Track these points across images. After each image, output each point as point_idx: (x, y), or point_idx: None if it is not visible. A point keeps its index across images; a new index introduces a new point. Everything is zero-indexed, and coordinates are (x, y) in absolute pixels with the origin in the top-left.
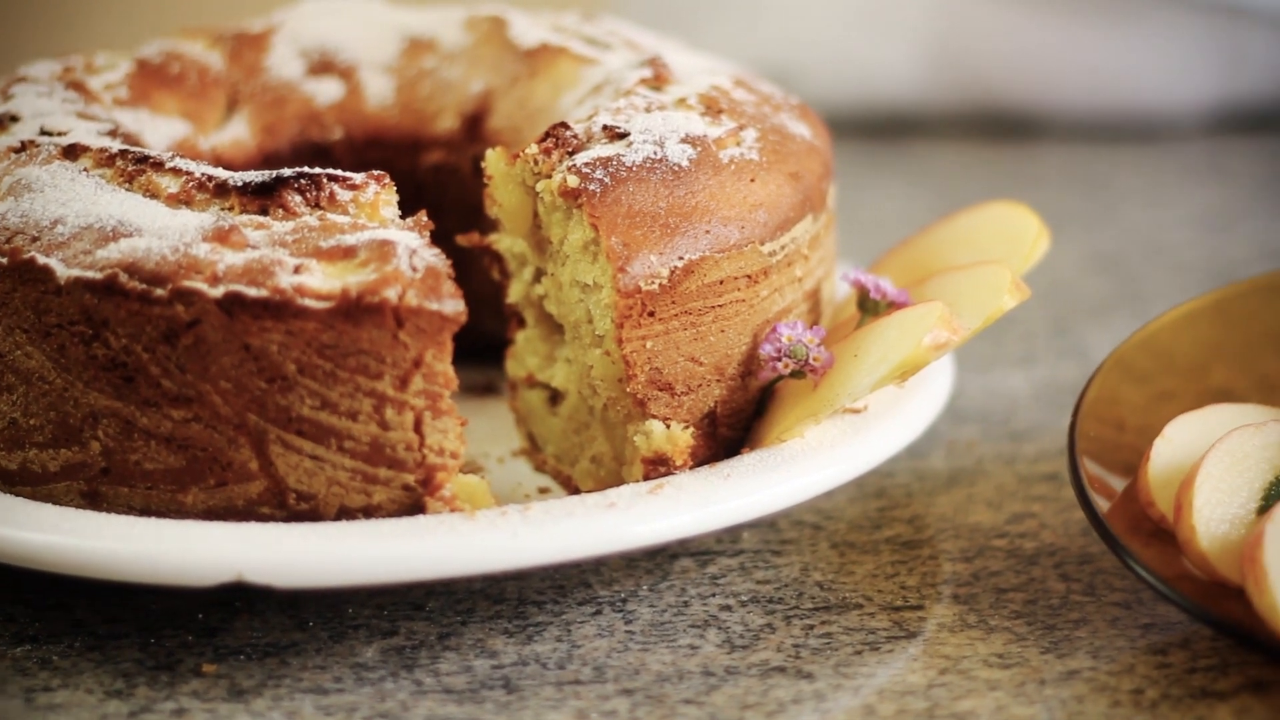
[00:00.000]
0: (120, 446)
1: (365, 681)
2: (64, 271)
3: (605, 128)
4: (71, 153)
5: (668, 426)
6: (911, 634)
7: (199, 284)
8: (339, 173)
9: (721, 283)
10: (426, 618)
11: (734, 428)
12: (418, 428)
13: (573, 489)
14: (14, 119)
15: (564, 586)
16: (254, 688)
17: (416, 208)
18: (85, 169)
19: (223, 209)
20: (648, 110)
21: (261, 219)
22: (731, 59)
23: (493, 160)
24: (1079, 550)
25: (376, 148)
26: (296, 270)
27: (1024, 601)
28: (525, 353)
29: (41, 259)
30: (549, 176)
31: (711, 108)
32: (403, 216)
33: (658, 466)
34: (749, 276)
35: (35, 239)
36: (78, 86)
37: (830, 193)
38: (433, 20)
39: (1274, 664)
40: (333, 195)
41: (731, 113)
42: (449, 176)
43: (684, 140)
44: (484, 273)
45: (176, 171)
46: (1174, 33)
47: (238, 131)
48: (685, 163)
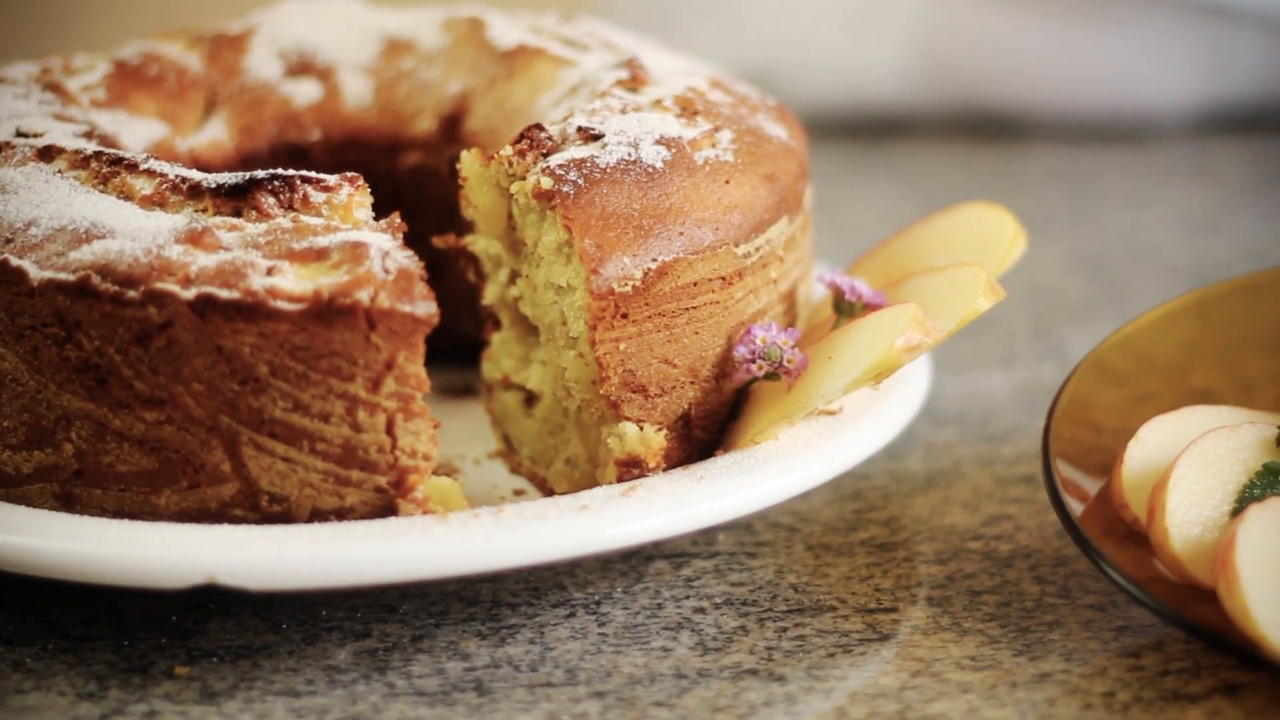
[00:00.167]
0: (93, 448)
1: (337, 684)
2: (37, 273)
3: (580, 129)
4: (46, 154)
5: (641, 428)
6: (885, 636)
7: (171, 286)
8: (312, 174)
9: (695, 284)
10: (400, 620)
11: (708, 430)
12: (390, 430)
13: (548, 491)
14: None
15: (538, 588)
16: (226, 690)
17: (395, 209)
18: (60, 171)
19: (196, 211)
20: (623, 112)
21: (235, 221)
22: (717, 60)
23: (468, 162)
24: (1054, 553)
25: (355, 149)
26: (269, 272)
27: (998, 604)
28: (501, 355)
29: (15, 261)
30: (523, 178)
31: (687, 109)
32: (377, 218)
33: (631, 469)
34: (723, 278)
35: (9, 240)
36: (55, 88)
37: (807, 194)
38: (411, 21)
39: (1246, 667)
40: (306, 197)
41: (707, 114)
42: (427, 178)
43: (658, 142)
44: (461, 274)
45: (150, 173)
46: (1160, 34)
47: (216, 133)
48: (659, 164)
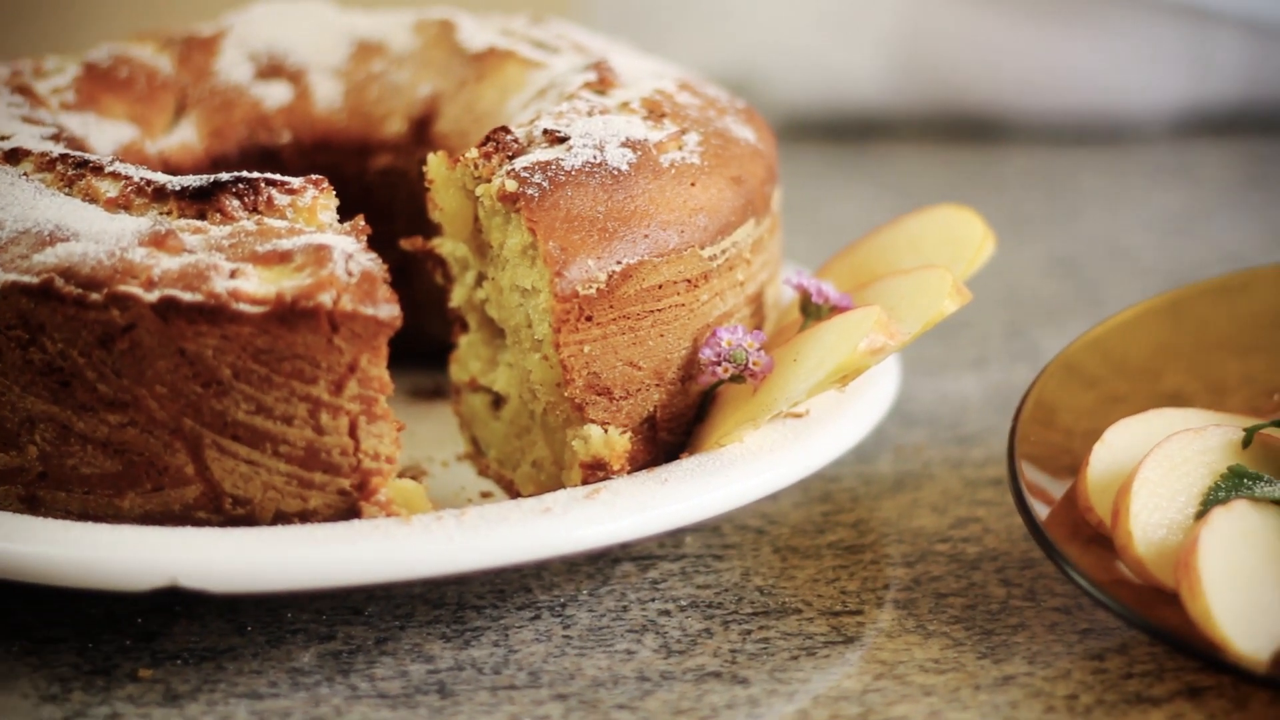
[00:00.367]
0: (57, 451)
1: (300, 686)
2: (1, 276)
3: (546, 132)
4: (13, 157)
5: (606, 431)
6: (849, 639)
7: (134, 289)
8: (277, 177)
9: (660, 287)
10: (365, 622)
11: (674, 432)
12: (352, 432)
13: (515, 493)
14: None
15: (504, 591)
16: (189, 692)
17: (365, 212)
18: (25, 173)
19: (161, 213)
20: (590, 114)
21: (199, 223)
22: (697, 63)
23: (434, 164)
24: (1021, 555)
25: (325, 151)
26: (232, 275)
27: (963, 606)
28: (468, 357)
29: None
30: (489, 181)
31: (654, 112)
32: (343, 221)
33: (596, 471)
34: (689, 281)
35: None
36: (24, 90)
37: (775, 197)
38: (382, 24)
39: (1209, 670)
40: (270, 200)
41: (674, 116)
42: (397, 180)
43: (624, 144)
44: (430, 277)
45: (116, 176)
46: (1141, 36)
47: (185, 135)
48: (625, 167)
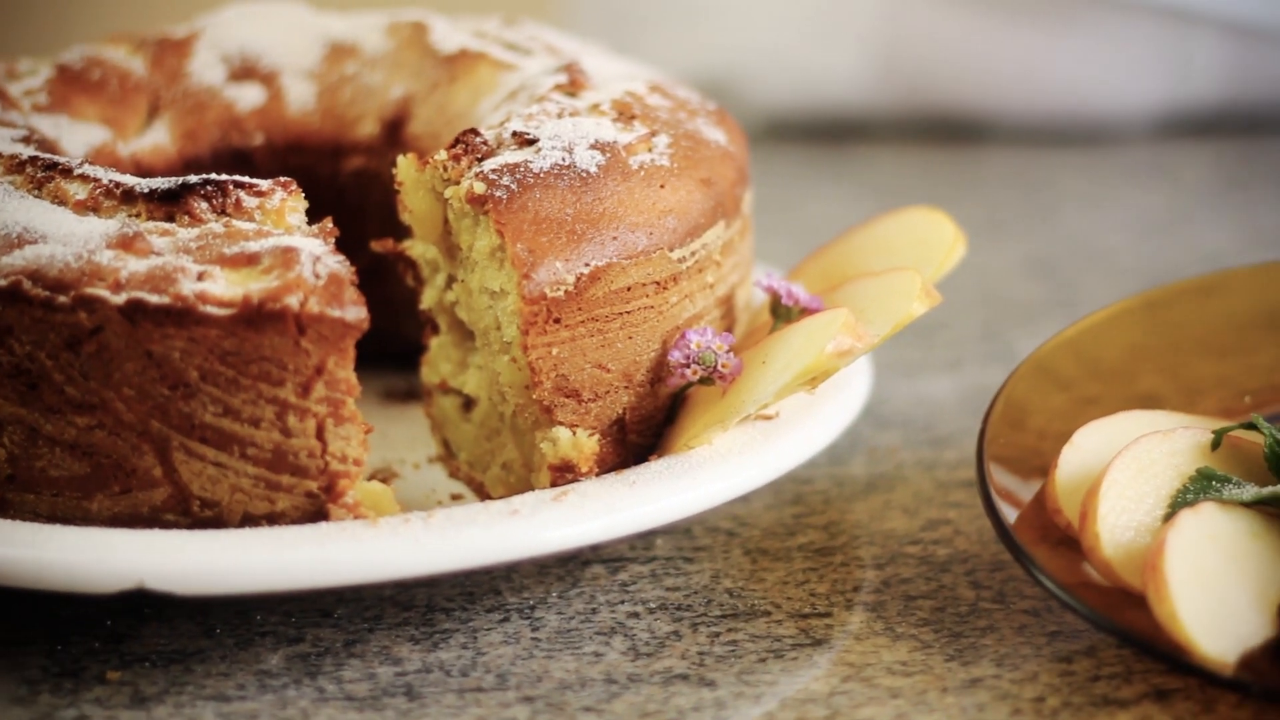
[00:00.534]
0: (25, 453)
1: (268, 689)
2: None
3: (515, 134)
4: None
5: (574, 433)
6: (817, 641)
7: (102, 291)
8: (245, 179)
9: (629, 289)
10: (334, 625)
11: (644, 434)
12: (320, 435)
13: (485, 495)
14: None
15: (473, 593)
16: (156, 695)
17: (338, 214)
18: None
19: (130, 216)
20: (560, 116)
21: (167, 226)
22: (678, 64)
23: (403, 167)
24: (992, 557)
25: (298, 153)
26: (200, 277)
27: (932, 609)
28: (439, 359)
29: None
30: (458, 183)
31: (624, 114)
32: (312, 223)
33: (564, 473)
34: (658, 283)
35: None
36: None
37: (745, 199)
38: (355, 26)
39: (1176, 672)
40: (239, 202)
41: (644, 118)
42: (370, 182)
43: (593, 146)
44: (402, 278)
45: (85, 178)
46: (1120, 37)
47: (158, 137)
48: (594, 169)
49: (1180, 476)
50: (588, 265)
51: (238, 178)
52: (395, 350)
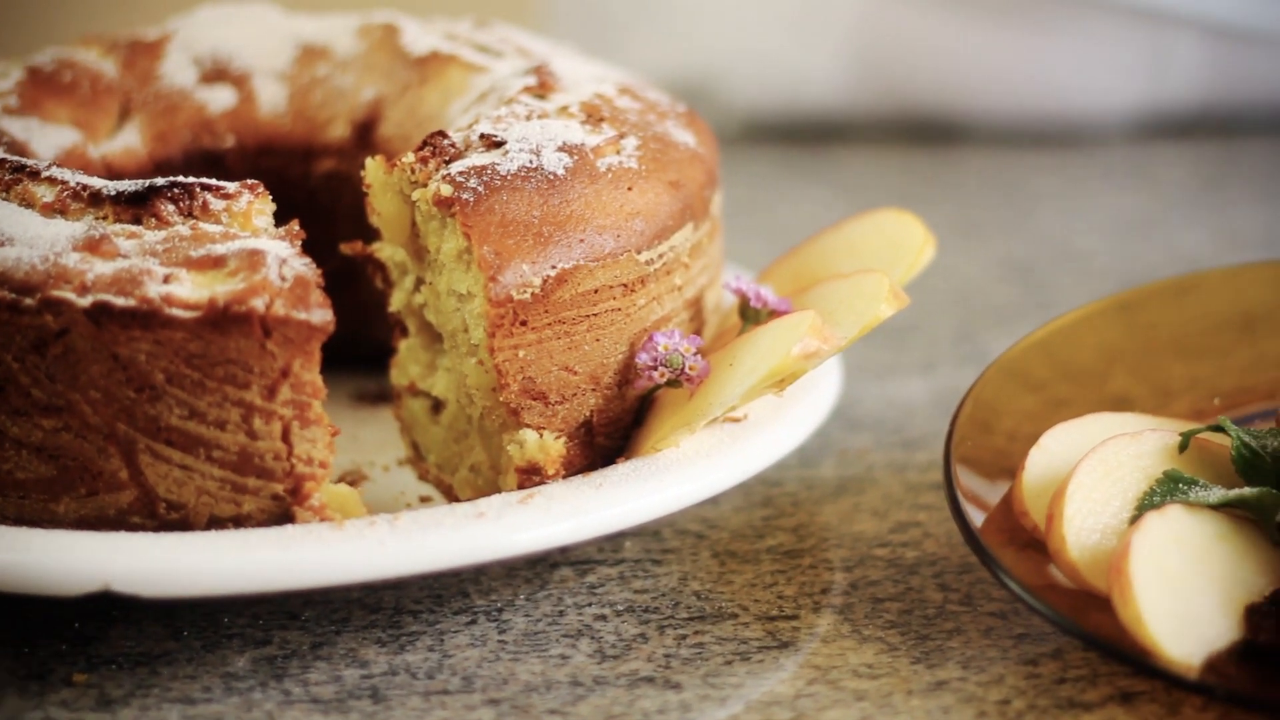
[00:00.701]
0: None
1: (234, 691)
2: None
3: (482, 136)
4: None
5: (541, 436)
6: (784, 644)
7: (68, 294)
8: (212, 182)
9: (596, 291)
10: (301, 627)
11: (612, 437)
12: (285, 437)
13: (454, 498)
14: None
15: (441, 596)
16: (122, 697)
17: (309, 216)
18: None
19: (97, 218)
20: (528, 118)
21: (134, 228)
22: (656, 66)
23: (371, 169)
24: (960, 560)
25: (269, 155)
26: (166, 280)
27: (900, 611)
28: (407, 362)
29: None
30: (425, 185)
31: (593, 116)
32: (279, 225)
33: (531, 476)
34: (625, 285)
35: None
36: None
37: (715, 201)
38: (327, 27)
39: (1141, 675)
40: (206, 204)
41: (613, 121)
42: (341, 184)
43: (561, 149)
44: (372, 280)
45: (52, 181)
46: (1098, 38)
47: (129, 140)
48: (561, 171)
49: (1147, 479)
50: (554, 268)
51: (205, 180)
52: (367, 353)
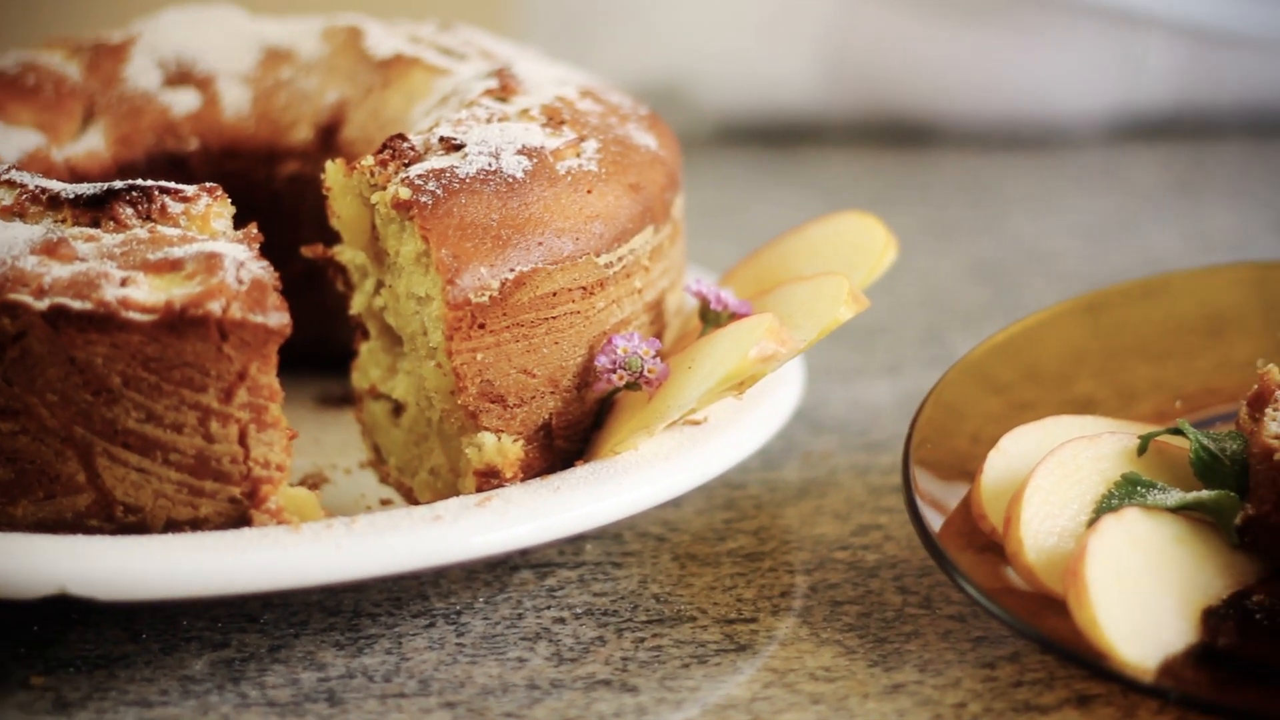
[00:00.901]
0: None
1: (191, 694)
2: None
3: (442, 139)
4: None
5: (499, 439)
6: (742, 647)
7: (24, 297)
8: (171, 185)
9: (555, 295)
10: (259, 630)
11: (571, 440)
12: (242, 440)
13: (414, 500)
14: None
15: (400, 598)
16: (79, 700)
17: (273, 219)
18: None
19: (56, 221)
20: (489, 121)
21: (92, 231)
22: (629, 68)
23: (331, 172)
24: (920, 563)
25: (233, 158)
26: (123, 283)
27: (859, 614)
28: (368, 364)
29: None
30: (384, 188)
31: (553, 119)
32: (238, 228)
33: (489, 479)
34: (584, 288)
35: None
36: None
37: (676, 203)
38: (291, 30)
39: (1097, 678)
40: (164, 208)
41: (573, 124)
42: (305, 187)
43: (520, 152)
44: (333, 283)
45: (11, 184)
46: (1072, 41)
47: (93, 143)
48: (520, 174)
49: (1106, 482)
50: (512, 271)
51: (163, 183)
52: (332, 356)
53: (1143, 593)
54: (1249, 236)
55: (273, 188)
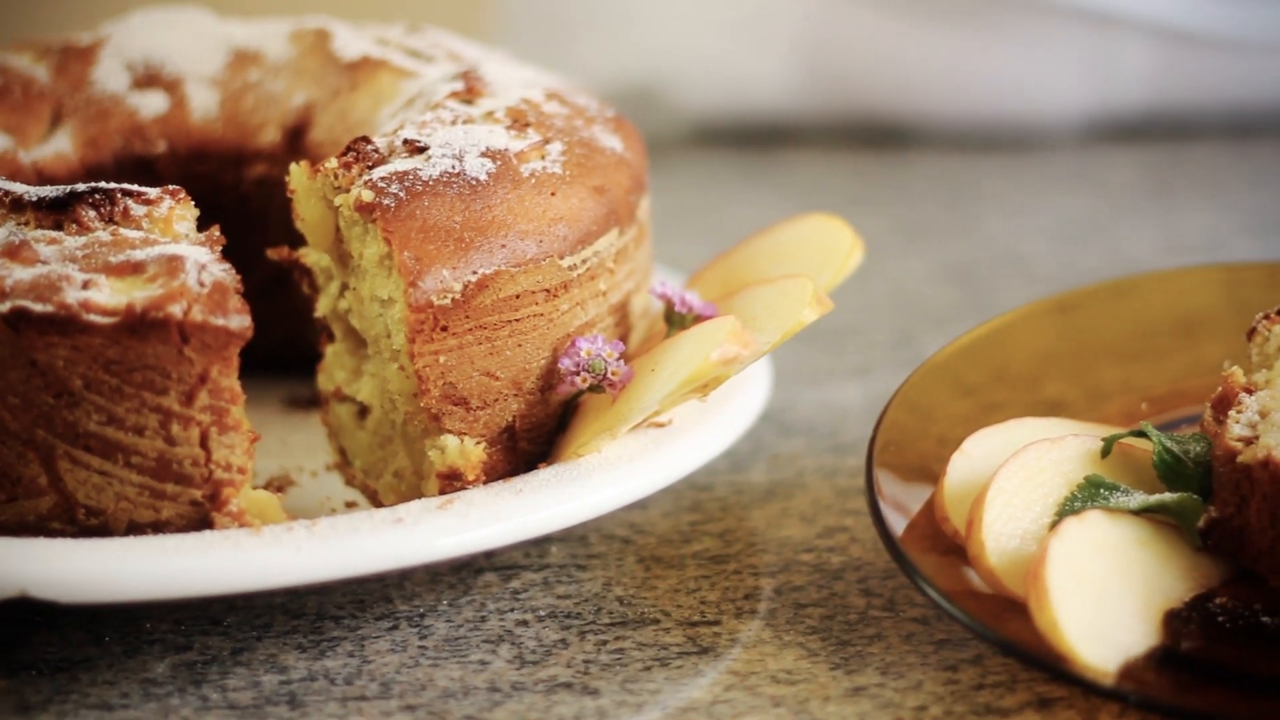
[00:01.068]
0: None
1: (152, 697)
2: None
3: (406, 142)
4: None
5: (462, 441)
6: (704, 650)
7: None
8: (133, 187)
9: (518, 297)
10: (222, 633)
11: (535, 442)
12: (204, 443)
13: (379, 503)
14: None
15: (364, 601)
16: (40, 703)
17: (241, 221)
18: None
19: (18, 224)
20: (453, 123)
21: (55, 234)
22: (605, 70)
23: (296, 174)
24: (884, 565)
25: (201, 161)
26: (85, 286)
27: (822, 617)
28: (334, 367)
29: None
30: (348, 191)
31: (518, 121)
32: (201, 231)
33: (452, 481)
34: (547, 291)
35: None
36: None
37: (642, 206)
38: (259, 33)
39: (1058, 682)
40: (127, 210)
41: (539, 126)
42: (273, 190)
43: (484, 154)
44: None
45: None
46: (1047, 42)
47: (61, 145)
48: (483, 176)
49: (1069, 484)
50: (475, 273)
51: (126, 186)
52: (300, 357)
53: (1104, 595)
54: (1223, 238)
55: (241, 190)
